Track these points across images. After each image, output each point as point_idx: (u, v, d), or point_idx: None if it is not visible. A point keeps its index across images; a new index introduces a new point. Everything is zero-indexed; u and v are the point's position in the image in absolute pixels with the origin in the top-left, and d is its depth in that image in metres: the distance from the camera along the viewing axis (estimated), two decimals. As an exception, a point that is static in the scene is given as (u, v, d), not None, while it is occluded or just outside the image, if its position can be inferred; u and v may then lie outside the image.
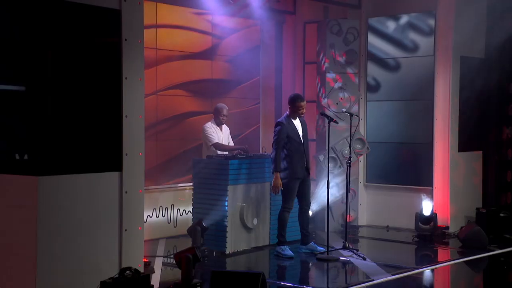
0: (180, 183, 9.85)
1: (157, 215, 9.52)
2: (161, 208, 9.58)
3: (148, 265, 7.38)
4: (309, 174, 8.62)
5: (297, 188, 8.51)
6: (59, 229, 6.01)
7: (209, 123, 9.30)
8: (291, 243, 8.75)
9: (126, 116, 6.46)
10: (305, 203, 8.64)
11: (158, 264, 7.98)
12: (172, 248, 8.96)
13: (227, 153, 9.21)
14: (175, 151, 9.91)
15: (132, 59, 6.50)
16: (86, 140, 6.24)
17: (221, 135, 9.31)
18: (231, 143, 9.49)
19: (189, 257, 6.36)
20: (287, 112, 8.61)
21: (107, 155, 6.40)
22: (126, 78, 6.45)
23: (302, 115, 8.57)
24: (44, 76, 5.95)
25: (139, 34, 6.57)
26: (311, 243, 8.73)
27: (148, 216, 9.33)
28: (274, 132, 8.50)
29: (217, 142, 9.16)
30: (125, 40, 6.44)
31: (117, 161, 6.43)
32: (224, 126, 9.43)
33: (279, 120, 8.60)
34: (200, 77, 10.24)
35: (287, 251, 8.48)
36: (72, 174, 6.11)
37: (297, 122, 8.58)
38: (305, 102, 8.62)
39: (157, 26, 9.57)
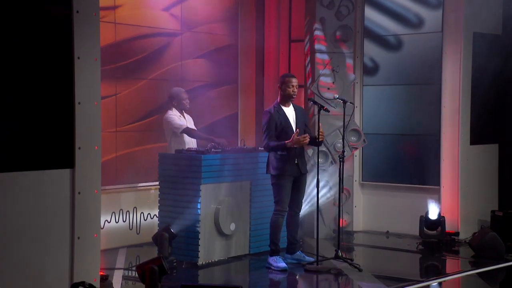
0: (144, 182, 9.84)
1: (117, 220, 9.49)
2: (121, 211, 9.55)
3: (106, 279, 7.34)
4: (302, 172, 8.55)
5: (289, 187, 8.47)
6: (-3, 237, 5.97)
7: (170, 111, 9.40)
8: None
9: (79, 103, 6.40)
10: (295, 205, 8.61)
11: (117, 278, 7.95)
12: (134, 258, 8.98)
13: (195, 146, 9.26)
14: (138, 144, 9.87)
15: (86, 35, 6.42)
16: (30, 131, 6.15)
17: (185, 124, 9.39)
18: None
19: (154, 269, 6.33)
20: (278, 98, 8.60)
21: (56, 149, 6.32)
22: (78, 58, 6.38)
23: (294, 95, 8.52)
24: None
25: (94, 5, 6.50)
26: (298, 252, 8.72)
27: (106, 221, 9.30)
28: (262, 122, 8.50)
29: (188, 127, 9.25)
30: (77, 12, 6.35)
31: (68, 156, 6.36)
32: (187, 115, 9.54)
33: (266, 109, 8.54)
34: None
35: (280, 262, 8.43)
36: (12, 171, 6.03)
37: (289, 110, 8.55)
38: (295, 78, 8.59)
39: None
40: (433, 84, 10.31)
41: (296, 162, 8.43)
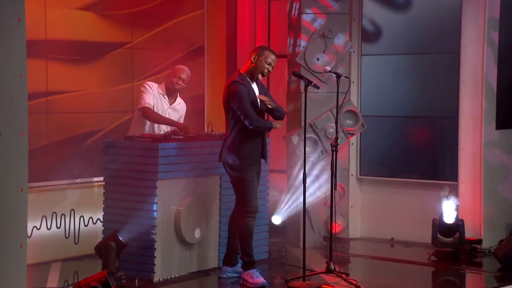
0: (84, 177, 9.81)
1: (49, 226, 9.44)
2: (55, 215, 9.50)
3: (35, 302, 7.33)
4: (265, 160, 8.73)
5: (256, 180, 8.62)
6: None
7: (152, 82, 9.52)
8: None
9: (-4, 76, 6.44)
10: None
11: (49, 300, 8.01)
12: (71, 275, 8.99)
13: (163, 130, 9.38)
14: (76, 129, 9.84)
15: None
16: None
17: (165, 107, 9.50)
18: None
19: (97, 287, 6.22)
20: (240, 70, 8.62)
21: (-32, 136, 6.33)
22: (-5, 17, 6.41)
23: (265, 75, 8.62)
24: None
25: None
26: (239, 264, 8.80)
27: (35, 228, 9.26)
28: (232, 95, 8.43)
29: (147, 107, 9.32)
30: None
31: (-16, 144, 6.37)
32: (181, 102, 9.70)
33: (234, 79, 8.53)
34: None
35: (258, 277, 8.52)
36: None
37: (255, 88, 8.65)
38: (275, 56, 8.61)
39: None
40: (449, 53, 10.37)
41: (263, 147, 8.56)
